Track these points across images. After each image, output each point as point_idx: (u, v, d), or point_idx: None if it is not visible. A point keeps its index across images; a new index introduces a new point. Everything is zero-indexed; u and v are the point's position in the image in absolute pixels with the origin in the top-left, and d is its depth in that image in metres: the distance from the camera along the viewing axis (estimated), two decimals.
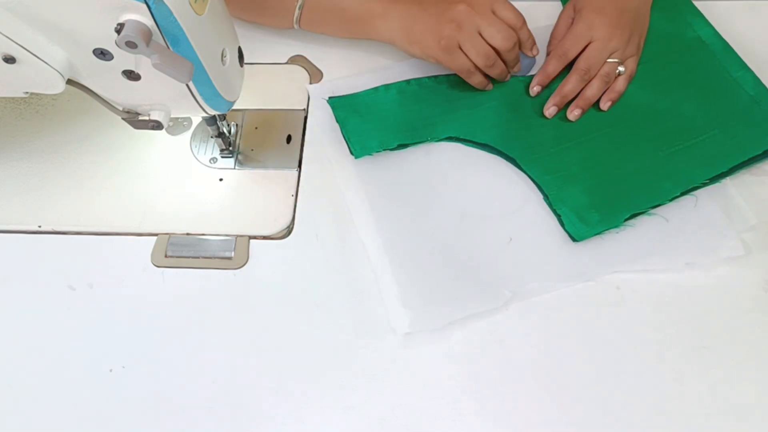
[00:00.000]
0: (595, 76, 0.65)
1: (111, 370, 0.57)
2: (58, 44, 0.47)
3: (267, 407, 0.55)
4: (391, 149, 0.65)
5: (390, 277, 0.58)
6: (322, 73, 0.71)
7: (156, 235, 0.63)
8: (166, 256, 0.62)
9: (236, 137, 0.67)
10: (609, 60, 0.65)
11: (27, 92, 0.52)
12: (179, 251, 0.62)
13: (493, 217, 0.61)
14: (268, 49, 0.73)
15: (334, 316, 0.58)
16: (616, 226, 0.59)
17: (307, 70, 0.72)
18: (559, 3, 0.74)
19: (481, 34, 0.62)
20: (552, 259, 0.59)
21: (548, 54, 0.68)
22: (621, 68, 0.65)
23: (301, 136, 0.67)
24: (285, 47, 0.73)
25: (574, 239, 0.59)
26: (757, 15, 0.71)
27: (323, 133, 0.67)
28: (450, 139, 0.66)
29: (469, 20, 0.62)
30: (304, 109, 0.69)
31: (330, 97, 0.68)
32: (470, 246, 0.60)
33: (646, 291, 0.58)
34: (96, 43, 0.47)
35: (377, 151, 0.64)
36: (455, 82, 0.68)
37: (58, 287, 0.61)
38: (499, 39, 0.62)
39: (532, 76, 0.68)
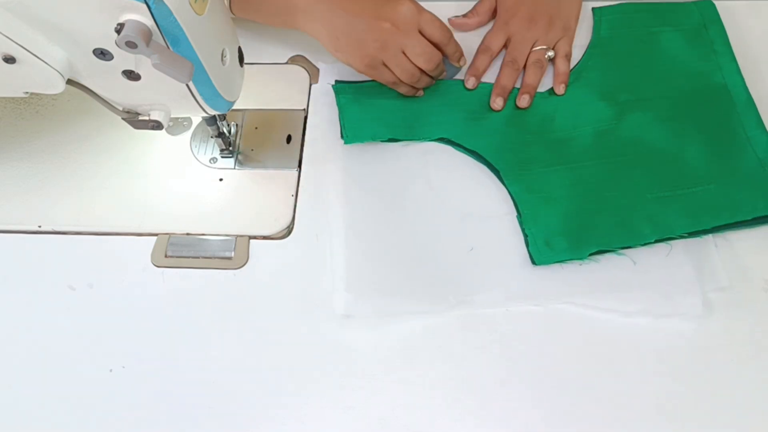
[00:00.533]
0: (527, 65, 0.68)
1: (111, 370, 0.57)
2: (58, 44, 0.47)
3: (267, 407, 0.55)
4: (382, 141, 0.65)
5: (341, 258, 0.59)
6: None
7: (156, 235, 0.63)
8: (166, 256, 0.62)
9: (236, 137, 0.67)
10: (535, 48, 0.68)
11: (27, 92, 0.52)
12: (179, 251, 0.62)
13: (462, 223, 0.61)
14: (268, 49, 0.73)
15: (334, 316, 0.58)
16: (580, 258, 0.58)
17: (307, 70, 0.72)
18: None
19: (405, 53, 0.62)
20: (506, 276, 0.58)
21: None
22: (550, 53, 0.68)
23: (301, 136, 0.67)
24: (285, 47, 0.73)
25: (533, 262, 0.58)
26: (757, 15, 0.71)
27: (323, 133, 0.67)
28: (441, 140, 0.66)
29: (393, 40, 0.61)
30: (304, 109, 0.69)
31: (336, 81, 0.68)
32: (431, 247, 0.60)
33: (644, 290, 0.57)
34: (96, 43, 0.47)
35: (367, 141, 0.65)
36: (459, 86, 0.68)
37: (58, 287, 0.61)
38: (422, 61, 0.62)
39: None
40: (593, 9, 0.71)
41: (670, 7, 0.70)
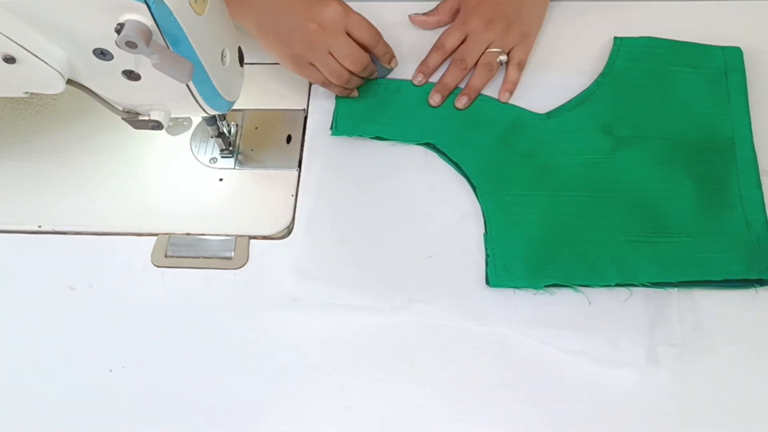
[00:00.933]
0: (477, 66, 0.67)
1: (111, 370, 0.57)
2: (58, 44, 0.47)
3: (267, 407, 0.55)
4: (369, 138, 0.66)
5: (299, 241, 0.61)
6: None
7: (156, 235, 0.63)
8: (166, 256, 0.62)
9: (236, 137, 0.67)
10: (489, 50, 0.66)
11: (27, 92, 0.52)
12: (179, 251, 0.62)
13: (427, 230, 0.61)
14: None
15: (335, 316, 0.58)
16: (535, 288, 0.57)
17: None
18: None
19: (332, 54, 0.61)
20: (456, 290, 0.58)
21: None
22: (502, 57, 0.66)
23: (301, 136, 0.67)
24: None
25: (488, 283, 0.58)
26: (758, 15, 0.70)
27: (323, 133, 0.67)
28: (427, 145, 0.65)
29: (319, 41, 0.60)
30: (304, 109, 0.69)
31: None
32: (391, 246, 0.60)
33: (645, 291, 0.57)
34: (96, 43, 0.47)
35: (354, 136, 0.65)
36: (455, 95, 0.67)
37: (58, 287, 0.61)
38: (349, 62, 0.62)
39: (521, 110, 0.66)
40: (615, 38, 0.68)
41: (695, 48, 0.67)
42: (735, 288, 0.56)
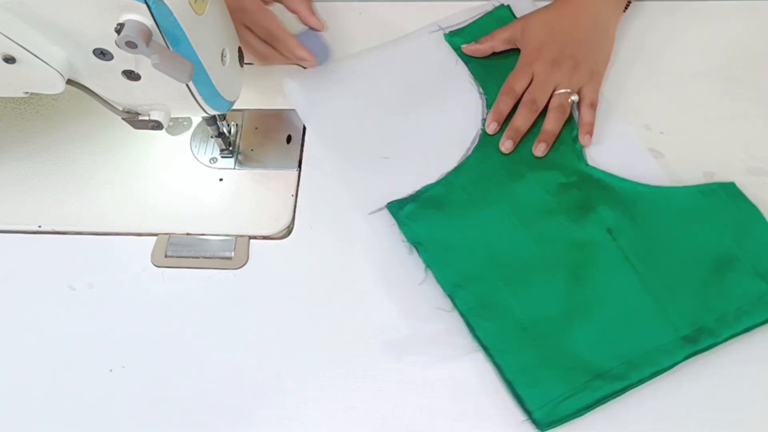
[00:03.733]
0: (549, 109, 0.64)
1: (111, 370, 0.57)
2: (58, 44, 0.47)
3: (267, 407, 0.55)
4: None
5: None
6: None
7: (156, 235, 0.63)
8: (166, 256, 0.62)
9: (236, 137, 0.67)
10: (558, 91, 0.64)
11: (27, 92, 0.52)
12: (179, 251, 0.62)
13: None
14: None
15: (334, 316, 0.58)
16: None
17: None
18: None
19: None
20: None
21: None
22: (573, 97, 0.64)
23: (301, 136, 0.67)
24: None
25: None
26: (758, 15, 0.71)
27: (323, 133, 0.67)
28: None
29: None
30: None
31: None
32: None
33: None
34: (96, 43, 0.47)
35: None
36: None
37: (58, 287, 0.61)
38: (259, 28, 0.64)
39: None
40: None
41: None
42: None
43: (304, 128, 0.68)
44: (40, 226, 0.64)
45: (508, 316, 0.56)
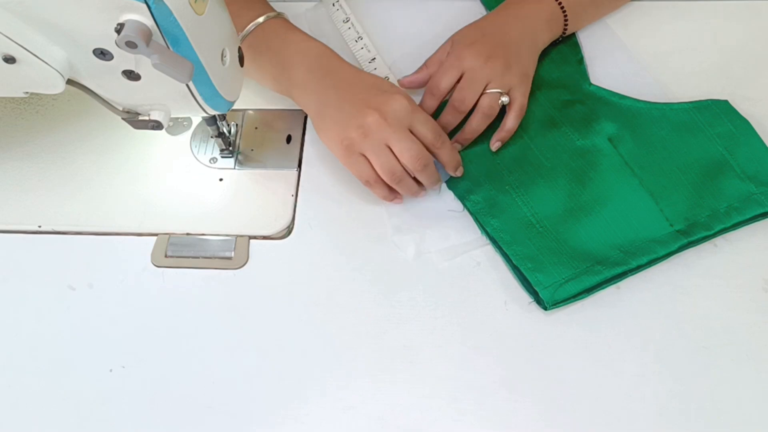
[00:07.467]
0: (477, 110, 0.62)
1: (111, 370, 0.57)
2: (58, 44, 0.47)
3: (267, 407, 0.55)
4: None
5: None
6: None
7: (156, 235, 0.63)
8: (166, 256, 0.62)
9: (236, 137, 0.67)
10: (489, 90, 0.61)
11: (27, 92, 0.52)
12: (179, 251, 0.62)
13: None
14: None
15: (334, 316, 0.58)
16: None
17: None
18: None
19: (390, 147, 0.57)
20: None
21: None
22: (504, 98, 0.61)
23: (301, 136, 0.67)
24: None
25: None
26: (758, 15, 0.71)
27: None
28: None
29: (378, 131, 0.56)
30: None
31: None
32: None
33: (645, 290, 0.58)
34: (96, 43, 0.47)
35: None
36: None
37: (58, 287, 0.61)
38: (408, 157, 0.56)
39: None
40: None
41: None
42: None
43: (304, 128, 0.68)
44: (40, 226, 0.64)
45: (515, 214, 0.60)
